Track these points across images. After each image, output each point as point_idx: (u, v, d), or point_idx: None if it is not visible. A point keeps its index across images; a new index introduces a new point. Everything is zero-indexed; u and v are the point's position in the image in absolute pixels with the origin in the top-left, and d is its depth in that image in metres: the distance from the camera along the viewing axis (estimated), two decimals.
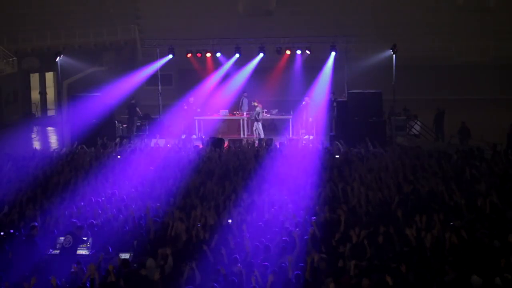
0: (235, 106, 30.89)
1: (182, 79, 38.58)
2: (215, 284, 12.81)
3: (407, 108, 30.70)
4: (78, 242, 14.96)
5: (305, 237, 14.67)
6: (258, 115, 29.30)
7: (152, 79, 32.23)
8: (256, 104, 29.53)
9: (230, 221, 15.64)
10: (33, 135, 32.98)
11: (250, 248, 14.25)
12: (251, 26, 39.95)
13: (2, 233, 15.59)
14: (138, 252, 14.83)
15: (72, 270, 13.52)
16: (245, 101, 30.61)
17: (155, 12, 43.05)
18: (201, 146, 25.35)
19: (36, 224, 15.67)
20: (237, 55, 31.39)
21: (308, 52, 30.72)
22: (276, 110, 30.39)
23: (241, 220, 15.83)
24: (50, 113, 39.99)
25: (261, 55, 31.38)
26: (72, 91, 35.12)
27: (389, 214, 16.10)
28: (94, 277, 12.83)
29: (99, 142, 24.88)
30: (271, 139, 26.43)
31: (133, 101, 30.52)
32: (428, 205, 16.51)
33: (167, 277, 13.39)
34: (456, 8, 42.47)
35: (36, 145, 28.78)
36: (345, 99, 28.50)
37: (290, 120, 29.45)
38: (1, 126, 33.22)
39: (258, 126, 29.31)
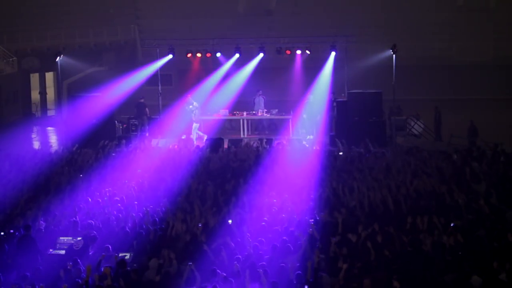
0: (238, 106, 30.78)
1: (182, 79, 38.54)
2: (216, 284, 12.80)
3: (400, 107, 30.60)
4: (85, 250, 14.95)
5: (306, 237, 14.67)
6: (194, 114, 27.94)
7: (152, 79, 32.17)
8: (194, 104, 28.51)
9: (230, 221, 15.64)
10: (33, 135, 32.89)
11: (250, 248, 14.25)
12: (251, 26, 39.94)
13: (2, 233, 15.60)
14: (138, 252, 14.84)
15: (68, 267, 13.57)
16: (260, 100, 30.42)
17: (155, 12, 43.02)
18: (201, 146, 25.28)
19: (31, 224, 15.70)
20: (237, 55, 31.35)
21: (308, 52, 30.69)
22: (276, 110, 30.31)
23: (241, 220, 15.83)
24: (50, 113, 39.88)
25: (261, 55, 31.35)
26: (72, 91, 35.02)
27: (389, 214, 16.10)
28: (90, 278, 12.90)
29: (101, 144, 24.83)
30: (271, 139, 26.36)
31: (142, 100, 30.41)
32: (428, 205, 16.50)
33: (167, 277, 13.38)
34: (456, 8, 42.44)
35: (36, 145, 28.75)
36: (345, 99, 28.49)
37: (290, 120, 29.40)
38: (1, 126, 33.13)
39: (195, 128, 27.90)
